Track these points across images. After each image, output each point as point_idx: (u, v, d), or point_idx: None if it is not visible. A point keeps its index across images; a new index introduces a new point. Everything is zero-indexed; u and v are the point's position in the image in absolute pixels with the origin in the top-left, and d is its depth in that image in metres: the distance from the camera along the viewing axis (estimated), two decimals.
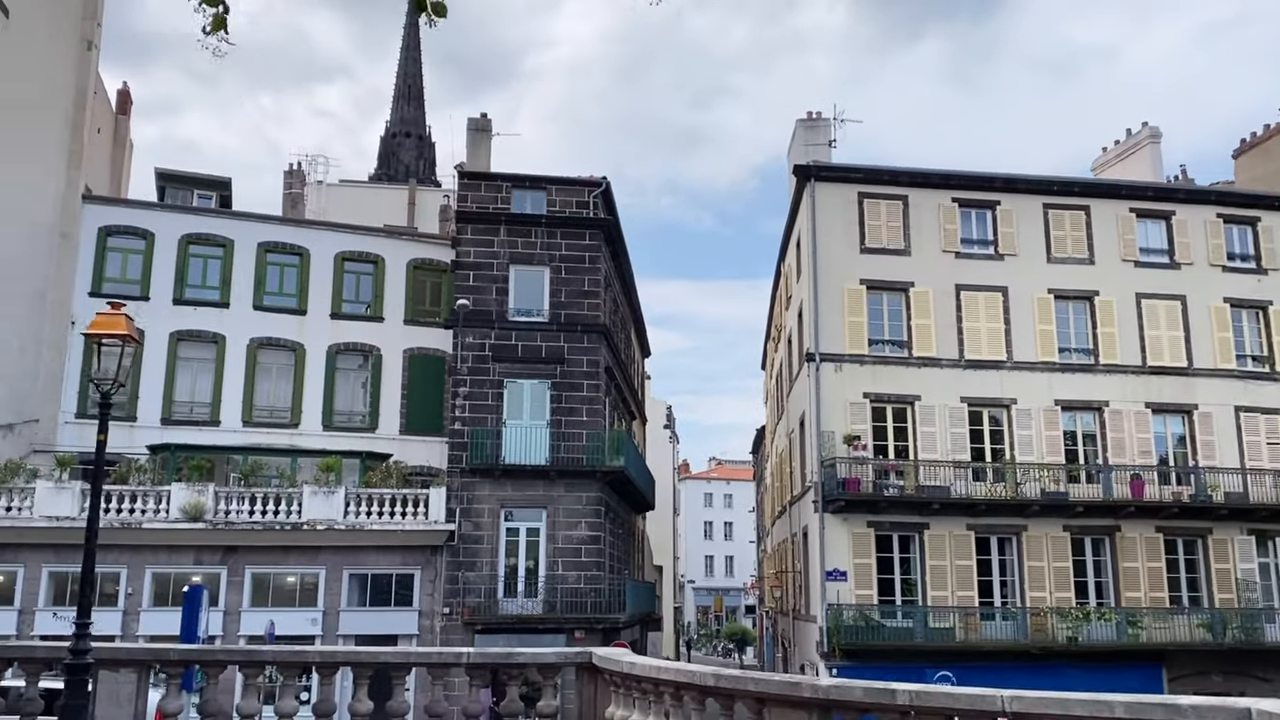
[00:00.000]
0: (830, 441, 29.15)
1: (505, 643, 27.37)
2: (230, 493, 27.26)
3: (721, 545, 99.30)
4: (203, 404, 33.40)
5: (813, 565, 30.13)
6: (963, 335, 30.67)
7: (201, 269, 34.49)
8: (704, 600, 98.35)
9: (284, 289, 34.96)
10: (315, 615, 27.14)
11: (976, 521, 29.33)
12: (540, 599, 28.17)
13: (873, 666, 27.55)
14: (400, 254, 35.87)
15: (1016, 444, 30.17)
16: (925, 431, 29.92)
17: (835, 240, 30.69)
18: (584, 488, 29.07)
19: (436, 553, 28.30)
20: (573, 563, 28.53)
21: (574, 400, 29.67)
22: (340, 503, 27.39)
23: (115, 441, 30.90)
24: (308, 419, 33.80)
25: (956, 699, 6.54)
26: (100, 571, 26.00)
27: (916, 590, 29.14)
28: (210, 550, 26.95)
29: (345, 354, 34.81)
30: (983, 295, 30.98)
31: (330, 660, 9.01)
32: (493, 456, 28.93)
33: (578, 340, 30.02)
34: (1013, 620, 28.77)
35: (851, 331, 30.19)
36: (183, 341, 33.59)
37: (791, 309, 35.53)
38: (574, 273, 30.31)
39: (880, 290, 30.76)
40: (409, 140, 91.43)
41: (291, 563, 27.48)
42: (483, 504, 28.86)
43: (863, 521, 28.99)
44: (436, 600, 27.99)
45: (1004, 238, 31.57)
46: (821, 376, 29.75)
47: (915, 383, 30.20)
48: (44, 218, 31.87)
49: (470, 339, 29.62)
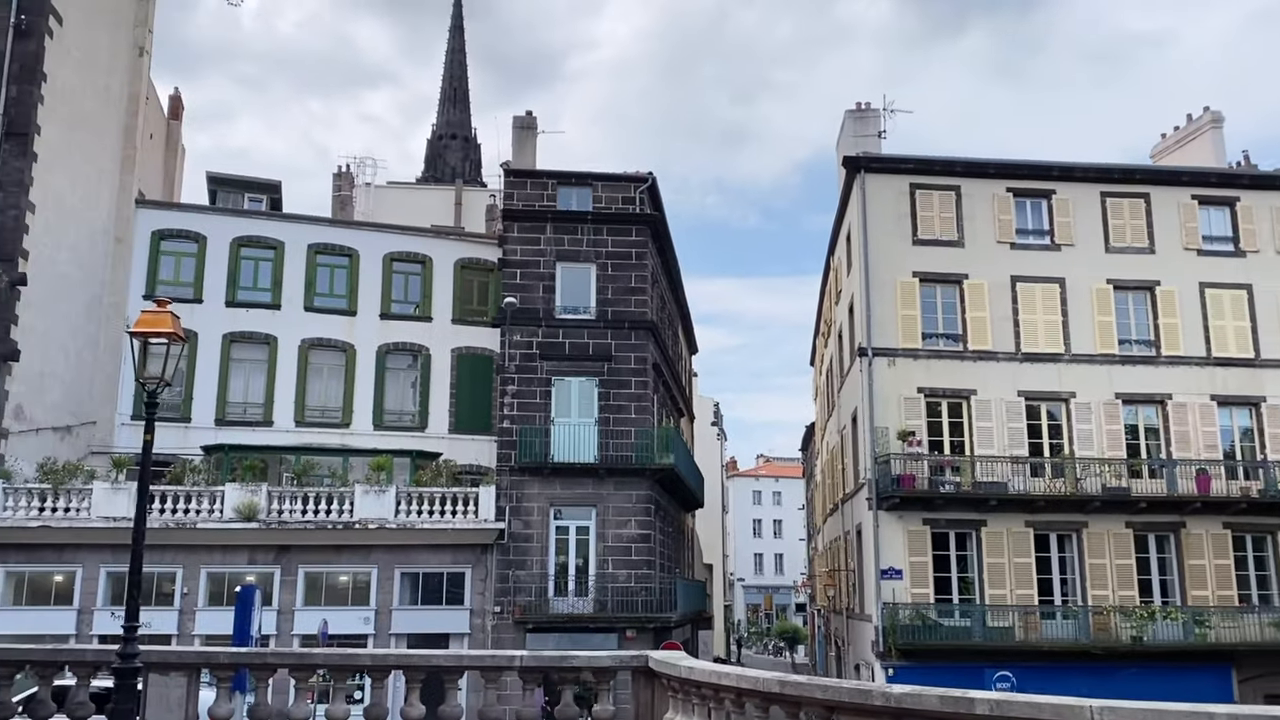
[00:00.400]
0: (884, 437, 28.64)
1: (556, 642, 27.24)
2: (283, 492, 27.44)
3: (770, 543, 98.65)
4: (256, 405, 33.73)
5: (867, 563, 29.63)
6: (1019, 328, 29.97)
7: (253, 271, 34.82)
8: (754, 598, 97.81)
9: (334, 290, 35.21)
10: (368, 614, 27.23)
11: (1035, 518, 28.65)
12: (591, 598, 28.01)
13: (929, 666, 27.06)
14: (447, 254, 35.97)
15: (1076, 438, 29.42)
16: (981, 426, 29.28)
17: (887, 232, 30.14)
18: (633, 486, 28.85)
19: (487, 551, 28.27)
20: (623, 561, 28.32)
21: (622, 398, 29.45)
22: (391, 502, 27.45)
23: (170, 442, 31.38)
24: (358, 418, 34.01)
25: (1041, 709, 6.18)
26: (156, 571, 26.49)
27: (974, 589, 28.53)
28: (264, 550, 27.15)
29: (395, 354, 34.97)
30: (1039, 287, 30.25)
31: (382, 663, 8.86)
32: (541, 455, 28.82)
33: (625, 337, 29.80)
34: (1074, 619, 28.04)
35: (904, 325, 29.63)
36: (235, 343, 33.93)
37: (842, 303, 35.02)
38: (621, 269, 30.09)
39: (933, 283, 30.16)
40: (455, 142, 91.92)
41: (344, 562, 27.59)
42: (532, 502, 28.75)
43: (918, 519, 28.45)
44: (487, 599, 27.94)
45: (1060, 227, 30.80)
46: (874, 371, 29.24)
47: (970, 377, 29.57)
48: (99, 223, 32.37)
49: (518, 337, 29.54)
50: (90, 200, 31.89)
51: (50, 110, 28.54)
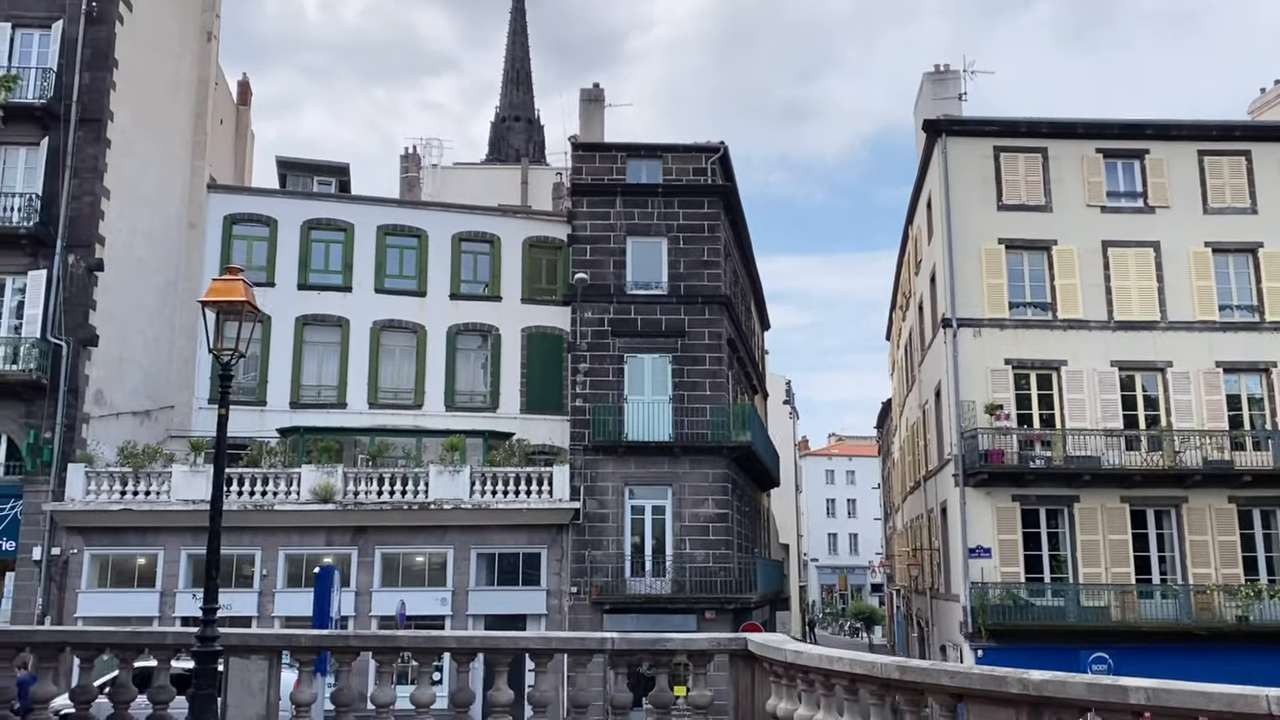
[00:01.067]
0: (970, 411, 27.58)
1: (635, 623, 26.78)
2: (358, 474, 27.34)
3: (844, 523, 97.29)
4: (329, 387, 33.79)
5: (953, 542, 28.65)
6: (1111, 295, 28.62)
7: (324, 253, 34.83)
8: (828, 579, 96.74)
9: (404, 271, 35.08)
10: (444, 595, 27.05)
11: (1131, 493, 27.38)
12: (668, 578, 27.49)
13: (1020, 648, 26.02)
14: (515, 232, 35.60)
15: (1173, 410, 28.03)
16: (1072, 398, 28.04)
17: (970, 198, 28.96)
18: (709, 464, 28.20)
19: (562, 531, 27.91)
20: (700, 541, 27.73)
21: (696, 374, 28.78)
22: (466, 482, 27.19)
23: (246, 426, 31.52)
24: (430, 400, 33.90)
25: (1211, 698, 5.40)
26: (235, 554, 26.60)
27: (1066, 567, 27.41)
28: (340, 531, 27.10)
29: (465, 334, 34.74)
30: (1132, 251, 28.84)
31: (467, 646, 8.38)
32: (615, 433, 28.31)
33: (698, 312, 29.08)
34: (1174, 599, 26.79)
35: (990, 294, 28.47)
36: (308, 326, 34.00)
37: (922, 274, 33.87)
38: (692, 243, 29.34)
39: (1020, 249, 28.92)
40: (518, 124, 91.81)
41: (420, 542, 27.45)
42: (606, 482, 28.29)
43: (1007, 495, 27.37)
44: (563, 579, 27.60)
45: (1154, 189, 29.30)
46: (959, 343, 28.15)
47: (1060, 347, 28.33)
48: (172, 208, 32.58)
49: (588, 314, 29.01)
50: (163, 186, 32.10)
51: (122, 96, 28.67)
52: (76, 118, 27.38)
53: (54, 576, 25.80)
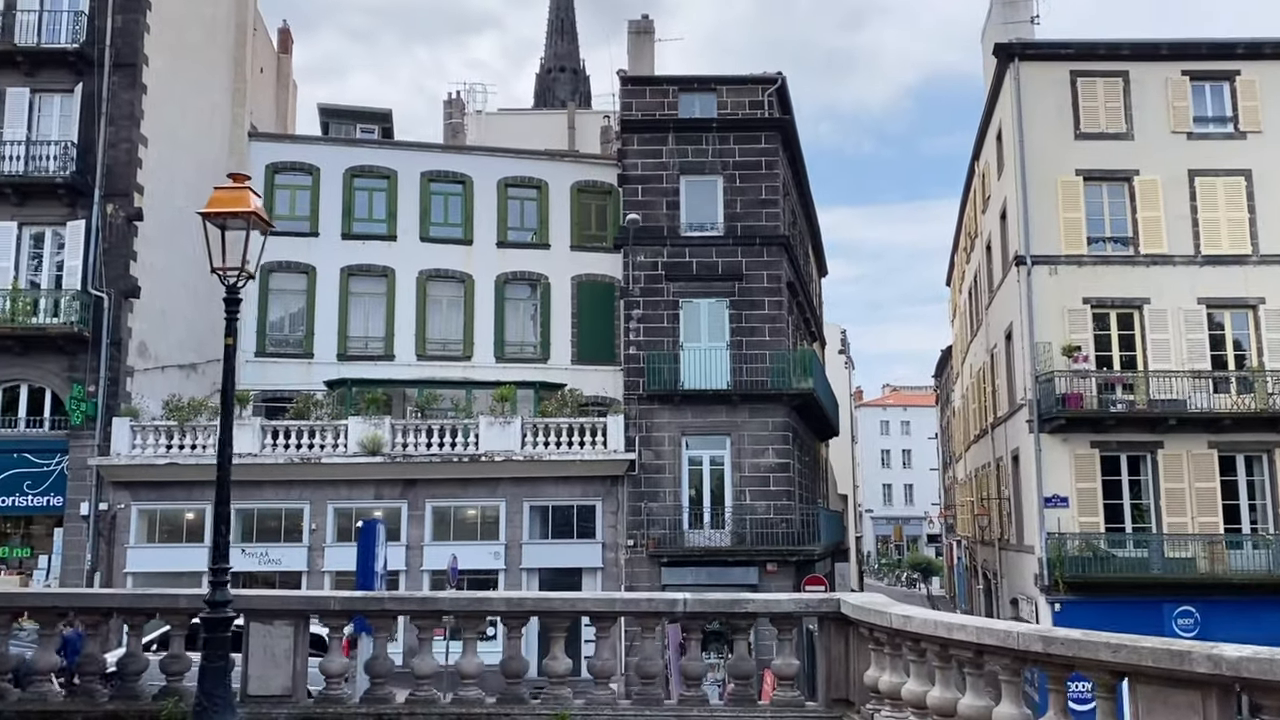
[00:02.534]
0: (1046, 354, 26.02)
1: (693, 576, 25.86)
2: (407, 425, 26.55)
3: (899, 473, 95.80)
4: (376, 339, 33.07)
5: (1026, 491, 27.24)
6: (1198, 227, 26.75)
7: (367, 202, 33.96)
8: (883, 530, 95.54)
9: (449, 219, 34.13)
10: (497, 549, 26.31)
11: (1219, 438, 25.74)
12: (728, 530, 26.44)
13: (1100, 601, 24.86)
14: (563, 177, 34.42)
15: (1266, 349, 26.24)
16: (1156, 339, 26.35)
17: (1044, 126, 27.14)
18: (770, 412, 26.96)
19: (617, 483, 26.95)
20: (760, 492, 26.60)
21: (754, 319, 27.46)
22: (517, 433, 26.30)
23: (293, 378, 31.03)
24: (479, 351, 33.05)
25: None
26: (283, 508, 26.08)
27: (1149, 517, 25.92)
28: (390, 484, 26.41)
29: (513, 283, 33.76)
30: (1221, 180, 26.88)
31: (518, 609, 7.36)
32: (670, 382, 27.16)
33: (756, 254, 27.68)
34: (1266, 549, 25.23)
35: (1067, 229, 26.74)
36: (353, 276, 33.22)
37: (991, 210, 32.10)
38: (749, 180, 27.85)
39: (1099, 181, 27.09)
40: (564, 75, 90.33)
41: (471, 495, 26.67)
42: (662, 432, 27.22)
43: (1085, 441, 25.87)
44: (619, 532, 26.70)
45: (1245, 113, 27.23)
46: (1033, 281, 26.51)
47: (1143, 284, 26.59)
48: (212, 156, 31.77)
49: (641, 258, 27.74)
50: (203, 133, 31.30)
51: (157, 40, 27.77)
52: (111, 62, 26.56)
53: (102, 532, 25.44)
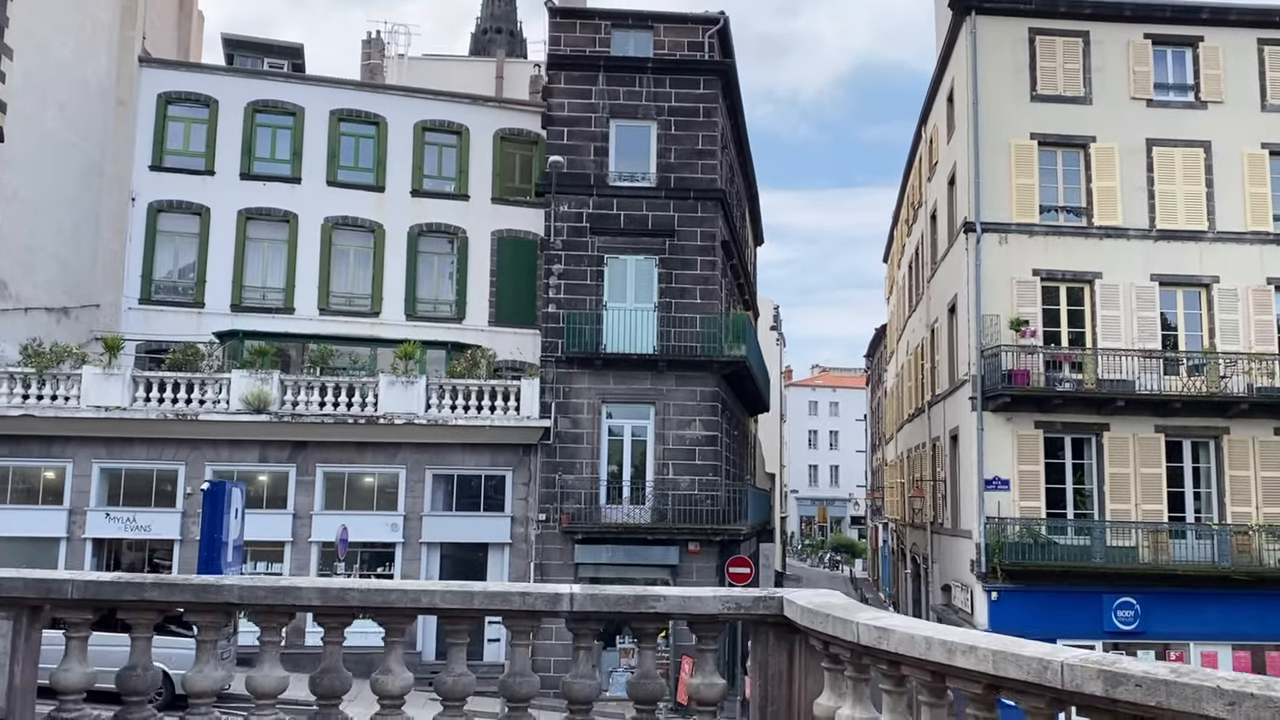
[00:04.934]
0: (993, 327, 24.46)
1: (609, 555, 23.92)
2: (298, 382, 24.01)
3: (826, 454, 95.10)
4: (275, 289, 30.48)
5: (965, 473, 25.75)
6: (1154, 200, 25.40)
7: (270, 140, 31.24)
8: (807, 510, 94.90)
9: (359, 163, 31.61)
10: (395, 520, 23.98)
11: (1167, 422, 24.48)
12: (649, 506, 24.43)
13: (1039, 590, 23.57)
14: (486, 123, 32.08)
15: (1218, 330, 25.03)
16: (1106, 316, 24.97)
17: (1000, 86, 25.50)
18: (698, 381, 24.97)
19: (530, 452, 24.79)
20: (685, 466, 24.65)
21: (685, 280, 25.39)
22: (421, 394, 23.95)
23: (180, 328, 28.32)
24: (389, 307, 30.66)
25: None
26: (155, 468, 23.43)
27: (1091, 503, 24.60)
28: (277, 446, 23.88)
29: (428, 236, 31.37)
30: (1180, 151, 25.54)
31: (337, 605, 5.20)
32: (592, 344, 25.00)
33: (690, 209, 25.57)
34: (1209, 540, 24.05)
35: (1019, 196, 25.17)
36: (252, 220, 30.54)
37: (938, 177, 30.47)
38: (685, 129, 25.70)
39: (1054, 146, 25.57)
40: (499, 36, 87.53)
41: (368, 461, 24.28)
42: (581, 398, 25.08)
43: (1029, 422, 24.41)
44: (531, 505, 24.57)
45: (1207, 81, 25.90)
46: (983, 250, 24.90)
47: (1095, 257, 25.17)
48: (96, 81, 28.69)
49: (564, 207, 25.46)
50: (84, 54, 28.15)
51: None
52: None
53: None
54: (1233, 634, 23.67)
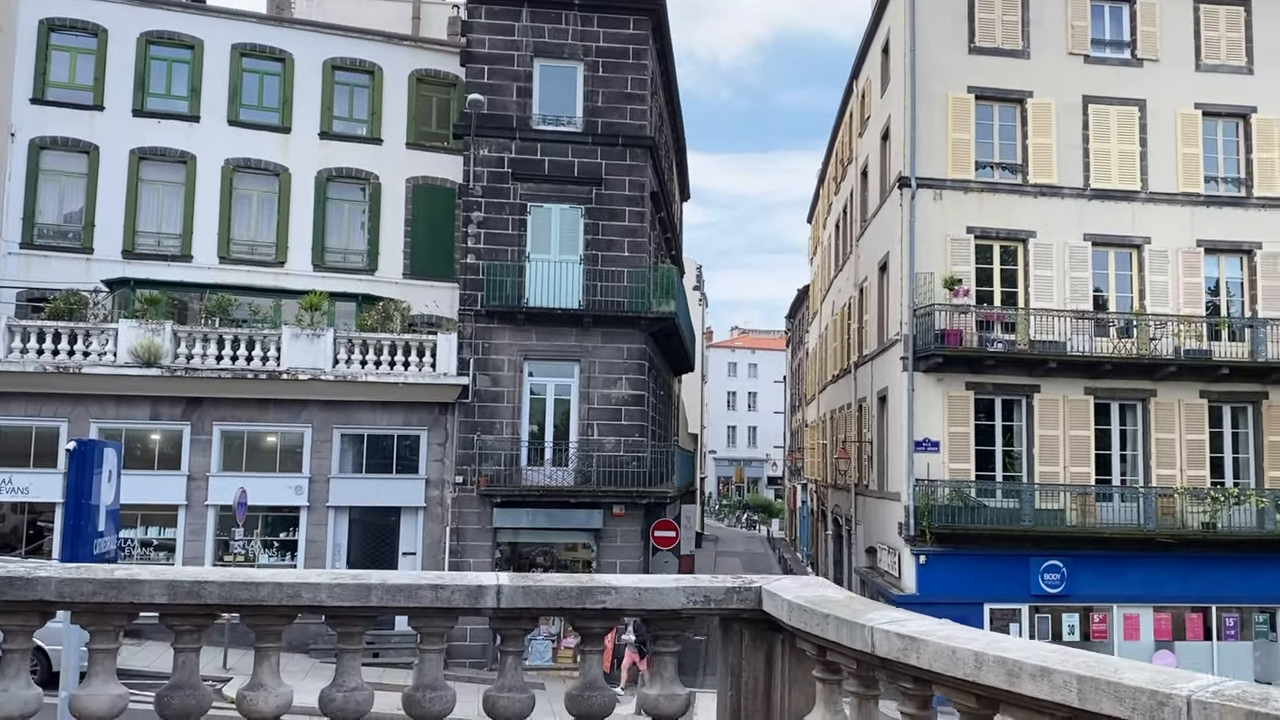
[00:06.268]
0: (926, 285, 23.86)
1: (530, 519, 22.83)
2: (193, 334, 22.22)
3: (744, 416, 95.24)
4: (171, 235, 28.36)
5: (894, 434, 25.23)
6: (1089, 159, 25.01)
7: (166, 75, 28.96)
8: (724, 471, 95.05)
9: (264, 102, 29.52)
10: (300, 483, 22.50)
11: (1097, 384, 24.26)
12: (572, 468, 23.35)
13: (968, 554, 23.21)
14: (401, 63, 30.21)
15: (1149, 292, 24.84)
16: (1039, 275, 24.57)
17: (938, 37, 24.73)
18: (625, 338, 23.88)
19: (446, 411, 23.46)
20: (610, 427, 23.60)
21: (613, 231, 24.19)
22: (329, 349, 22.40)
23: (68, 275, 26.17)
24: (295, 257, 28.80)
25: None
26: (34, 426, 21.54)
27: (1020, 465, 24.31)
28: (170, 402, 22.14)
29: (338, 181, 29.52)
30: (1115, 110, 25.15)
31: (189, 603, 3.99)
32: (514, 298, 23.69)
33: (618, 157, 24.31)
34: (1135, 502, 23.98)
35: (955, 151, 24.52)
36: (145, 161, 28.31)
37: (871, 132, 29.68)
38: (614, 71, 24.35)
39: (991, 101, 24.94)
40: None
41: (270, 419, 22.70)
42: (501, 355, 23.81)
43: (960, 383, 23.95)
44: (447, 467, 23.30)
45: (1144, 38, 25.50)
46: (917, 206, 24.21)
47: (1029, 216, 24.70)
48: None
49: (485, 151, 23.96)
50: None
51: None
52: None
53: None
54: (1155, 596, 23.71)
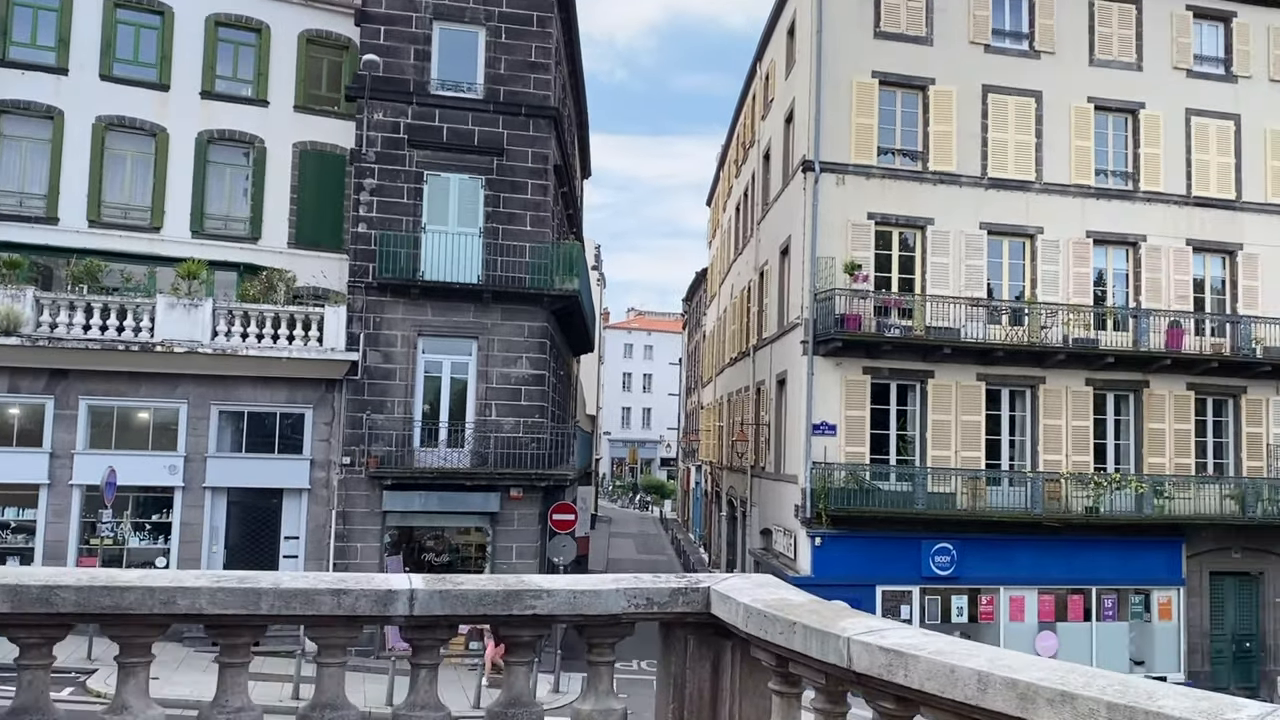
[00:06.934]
0: (828, 270, 23.84)
1: (422, 501, 22.02)
2: (58, 301, 20.66)
3: (639, 397, 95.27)
4: (35, 196, 26.36)
5: (793, 417, 25.23)
6: (987, 148, 25.35)
7: (30, 23, 26.88)
8: (618, 452, 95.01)
9: (140, 56, 27.67)
10: (174, 462, 21.20)
11: (989, 371, 24.68)
12: (468, 450, 22.59)
13: (862, 536, 23.39)
14: (290, 22, 28.63)
15: (1040, 281, 25.37)
16: (936, 262, 24.83)
17: (845, 20, 24.65)
18: (527, 315, 23.18)
19: (334, 389, 22.42)
20: (509, 407, 22.91)
21: (514, 204, 23.43)
22: (207, 320, 21.12)
23: None
24: (172, 222, 27.09)
25: None
26: None
27: (913, 449, 24.58)
28: (31, 374, 20.55)
29: (221, 144, 27.89)
30: (1013, 100, 25.53)
31: (31, 610, 3.32)
32: (409, 270, 22.74)
33: (521, 127, 23.53)
34: (1023, 487, 24.51)
35: (859, 136, 24.51)
36: (7, 115, 26.24)
37: (775, 114, 29.54)
38: (517, 38, 23.54)
39: (894, 87, 25.02)
40: None
41: (142, 394, 21.31)
42: (394, 330, 22.86)
43: (858, 367, 24.05)
44: (334, 447, 22.28)
45: (1042, 30, 25.93)
46: (821, 191, 24.14)
47: (928, 203, 24.90)
48: None
49: (379, 115, 22.89)
50: None
51: None
52: None
53: None
54: (1040, 578, 24.33)
